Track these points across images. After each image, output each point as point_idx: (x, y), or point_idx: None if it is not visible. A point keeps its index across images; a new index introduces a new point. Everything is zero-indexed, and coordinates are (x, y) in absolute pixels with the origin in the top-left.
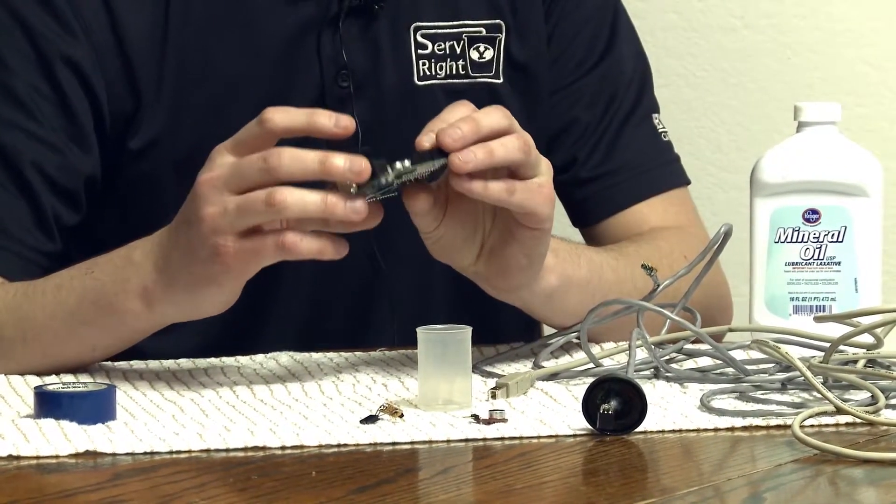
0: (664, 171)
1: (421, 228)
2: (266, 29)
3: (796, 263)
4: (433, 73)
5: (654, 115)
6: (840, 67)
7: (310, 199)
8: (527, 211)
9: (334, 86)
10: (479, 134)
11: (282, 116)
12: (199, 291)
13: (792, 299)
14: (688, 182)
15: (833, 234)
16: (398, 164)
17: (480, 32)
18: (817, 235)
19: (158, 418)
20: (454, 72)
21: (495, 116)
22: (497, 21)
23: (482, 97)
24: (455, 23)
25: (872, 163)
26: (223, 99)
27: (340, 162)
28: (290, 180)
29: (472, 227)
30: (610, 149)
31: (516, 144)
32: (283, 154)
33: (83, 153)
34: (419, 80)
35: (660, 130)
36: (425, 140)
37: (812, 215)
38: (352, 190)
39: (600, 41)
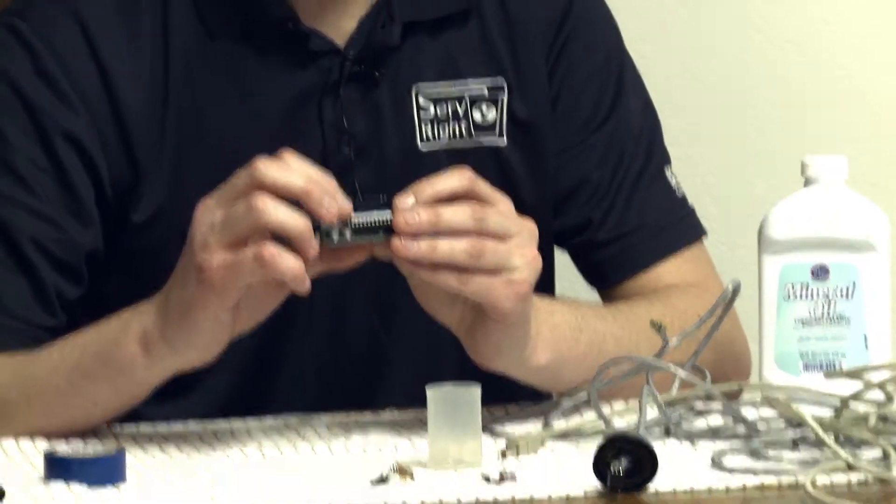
0: (680, 228)
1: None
2: (267, 97)
3: (806, 320)
4: (436, 135)
5: (666, 168)
6: (847, 120)
7: (289, 213)
8: (485, 303)
9: (336, 152)
10: (436, 227)
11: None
12: (189, 320)
13: (802, 356)
14: (703, 234)
15: (842, 291)
16: (335, 236)
17: (482, 92)
18: (826, 292)
19: (169, 480)
20: (457, 133)
21: (462, 215)
22: (499, 80)
23: (486, 158)
24: (456, 83)
25: (880, 217)
26: (225, 168)
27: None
28: (273, 187)
29: (452, 294)
30: (625, 209)
31: (464, 248)
32: (270, 164)
33: (83, 227)
34: (422, 143)
35: (673, 184)
36: (406, 199)
37: (821, 272)
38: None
39: (607, 97)
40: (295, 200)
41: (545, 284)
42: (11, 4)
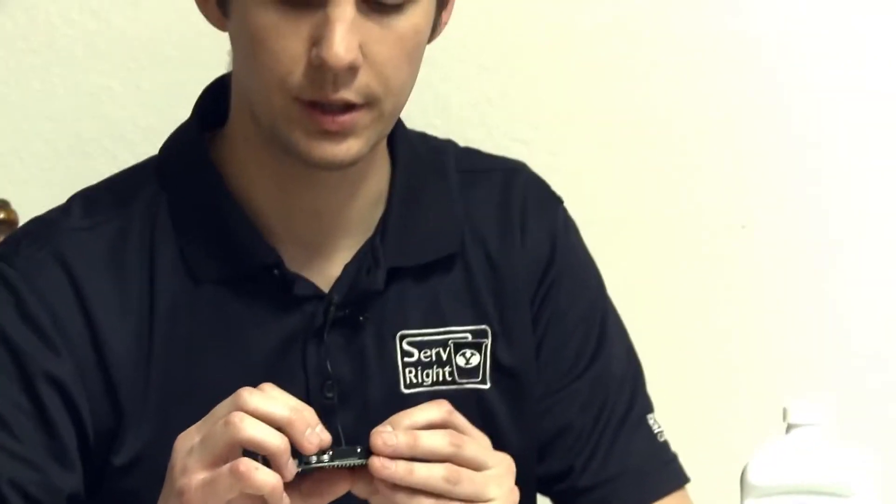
0: (662, 475)
1: None
2: (252, 341)
3: None
4: (419, 380)
5: (649, 416)
6: (828, 361)
7: (266, 429)
8: None
9: (319, 396)
10: (414, 451)
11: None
12: None
13: None
14: (686, 480)
15: None
16: (313, 458)
17: (466, 338)
18: None
19: None
20: (440, 378)
21: (439, 440)
22: (483, 327)
23: (469, 403)
24: (441, 329)
25: (863, 461)
26: (208, 412)
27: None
28: (255, 415)
29: None
30: (607, 456)
31: (441, 473)
32: (253, 394)
33: (65, 470)
34: (405, 387)
35: (655, 432)
36: (381, 431)
37: None
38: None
39: (590, 344)
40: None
41: None
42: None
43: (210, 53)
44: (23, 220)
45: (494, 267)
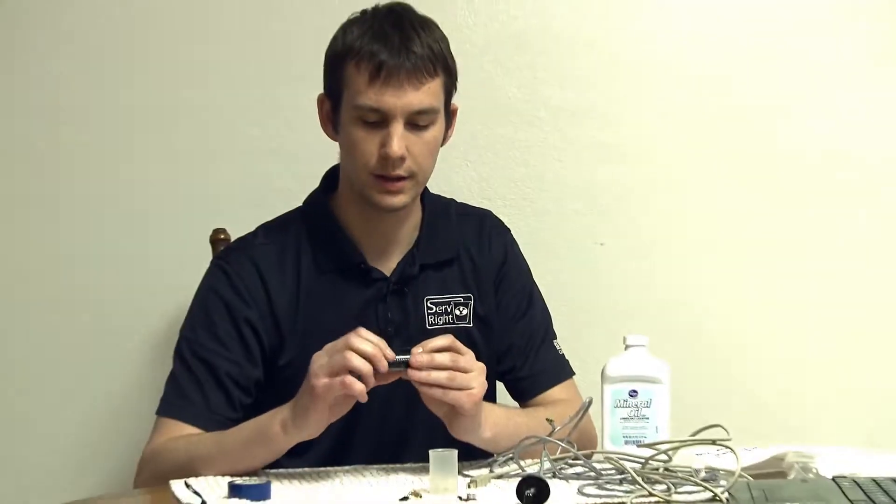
0: (562, 371)
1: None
2: (349, 302)
3: (625, 418)
4: (436, 322)
5: (555, 341)
6: (648, 315)
7: (362, 361)
8: (455, 405)
9: (384, 332)
10: (432, 364)
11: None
12: (306, 415)
13: (624, 437)
14: (573, 374)
15: (645, 403)
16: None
17: (460, 300)
18: (637, 404)
19: (294, 498)
20: (447, 321)
21: (445, 358)
22: (468, 294)
23: (462, 334)
24: (446, 295)
25: (664, 366)
26: (326, 339)
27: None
28: (356, 349)
29: (440, 400)
30: (533, 362)
31: (445, 375)
32: (355, 337)
33: (253, 367)
34: (429, 326)
35: (558, 349)
36: (417, 349)
37: (633, 393)
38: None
39: (524, 304)
40: None
41: (492, 398)
42: (219, 254)
43: None
44: (232, 238)
45: (475, 264)
